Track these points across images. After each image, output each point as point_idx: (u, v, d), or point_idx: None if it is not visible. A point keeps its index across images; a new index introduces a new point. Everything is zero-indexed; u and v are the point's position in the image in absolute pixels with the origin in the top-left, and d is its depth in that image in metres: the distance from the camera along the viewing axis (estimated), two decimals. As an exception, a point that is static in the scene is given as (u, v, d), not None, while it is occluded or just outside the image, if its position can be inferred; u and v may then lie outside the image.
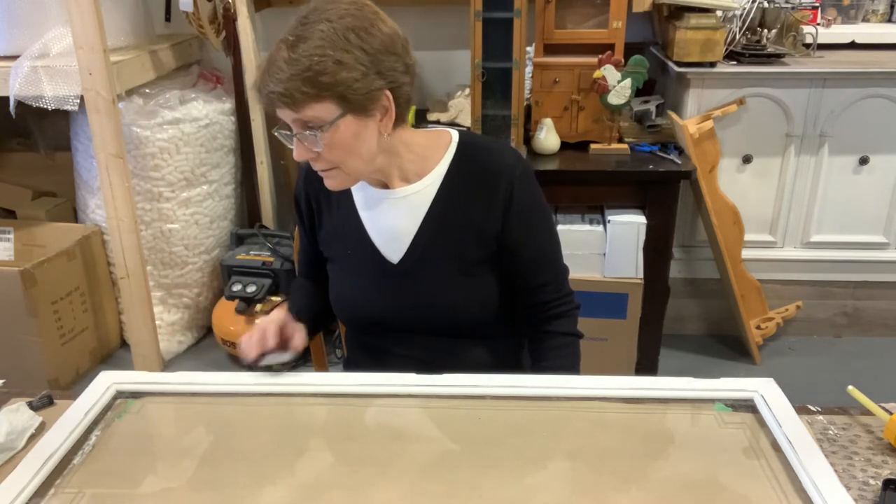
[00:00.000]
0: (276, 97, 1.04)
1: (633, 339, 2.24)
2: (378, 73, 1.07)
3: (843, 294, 2.58)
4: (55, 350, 2.37)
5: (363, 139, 1.10)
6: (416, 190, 1.19)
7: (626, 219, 2.14)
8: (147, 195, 2.45)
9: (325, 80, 1.02)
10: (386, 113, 1.11)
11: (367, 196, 1.23)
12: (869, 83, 2.28)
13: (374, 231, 1.23)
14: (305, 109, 1.04)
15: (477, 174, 1.20)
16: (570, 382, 1.08)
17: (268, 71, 1.04)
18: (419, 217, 1.20)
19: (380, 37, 1.08)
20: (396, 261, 1.22)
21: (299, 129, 1.07)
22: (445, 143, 1.22)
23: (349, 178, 1.14)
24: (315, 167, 1.13)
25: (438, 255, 1.20)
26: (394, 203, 1.20)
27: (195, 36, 2.64)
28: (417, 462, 0.94)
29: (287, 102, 1.04)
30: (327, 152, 1.08)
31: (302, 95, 1.03)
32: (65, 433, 0.98)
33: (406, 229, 1.21)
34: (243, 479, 0.92)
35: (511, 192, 1.18)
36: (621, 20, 2.11)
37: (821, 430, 0.99)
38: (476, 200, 1.19)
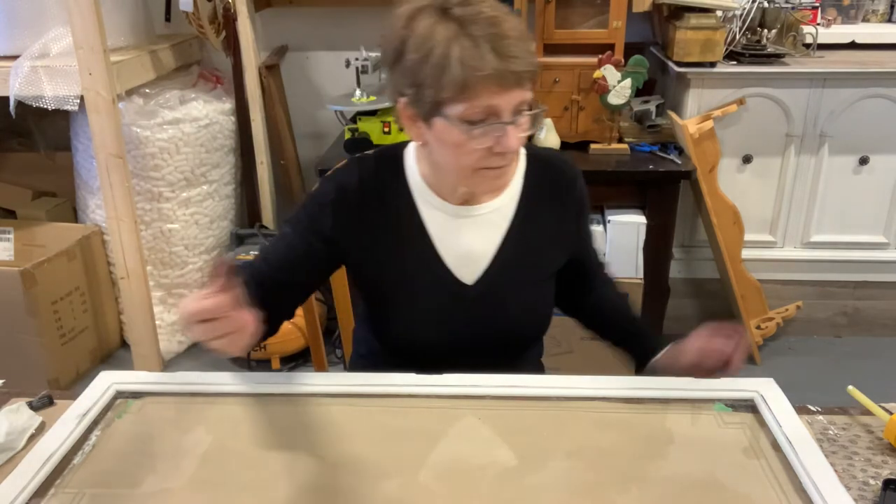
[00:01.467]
0: (529, 72, 0.97)
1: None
2: None
3: (843, 294, 2.57)
4: (55, 350, 2.37)
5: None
6: (497, 206, 1.13)
7: (626, 219, 2.14)
8: (147, 195, 2.45)
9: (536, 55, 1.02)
10: None
11: (442, 212, 1.13)
12: (869, 83, 2.28)
13: (447, 251, 1.13)
14: (530, 89, 0.99)
15: (550, 186, 1.17)
16: (570, 382, 1.08)
17: (509, 43, 0.95)
18: (499, 235, 1.14)
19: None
20: (472, 282, 1.14)
21: (517, 114, 0.98)
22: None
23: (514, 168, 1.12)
24: (506, 161, 1.03)
25: (516, 274, 1.15)
26: (475, 220, 1.13)
27: (195, 36, 2.64)
28: (417, 462, 0.94)
29: (533, 77, 0.98)
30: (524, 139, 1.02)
31: (536, 70, 0.98)
32: (65, 433, 0.98)
33: (484, 248, 1.14)
34: (243, 479, 0.92)
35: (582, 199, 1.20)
36: (621, 20, 2.11)
37: (821, 430, 0.99)
38: (552, 212, 1.17)
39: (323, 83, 2.83)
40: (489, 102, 0.95)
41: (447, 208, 1.12)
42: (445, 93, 0.95)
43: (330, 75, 2.79)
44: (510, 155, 1.01)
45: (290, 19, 2.74)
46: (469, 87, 0.94)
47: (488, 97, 0.95)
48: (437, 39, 0.95)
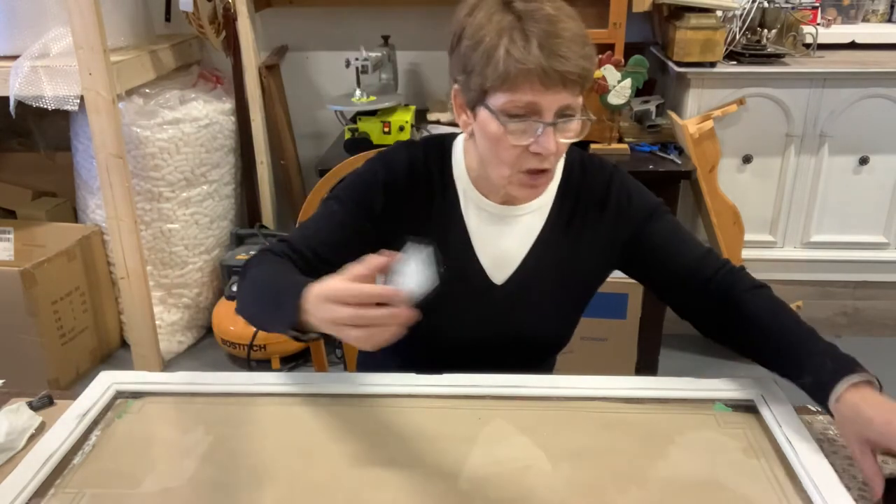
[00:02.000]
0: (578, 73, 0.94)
1: (633, 339, 2.24)
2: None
3: (843, 294, 2.58)
4: (55, 350, 2.37)
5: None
6: (535, 207, 1.13)
7: (626, 219, 2.14)
8: (147, 195, 2.45)
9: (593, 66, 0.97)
10: None
11: (485, 211, 1.12)
12: (869, 83, 2.28)
13: (483, 250, 1.13)
14: (579, 94, 0.97)
15: (584, 189, 1.14)
16: (570, 382, 1.08)
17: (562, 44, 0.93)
18: (532, 236, 1.13)
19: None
20: (500, 282, 1.14)
21: (559, 116, 0.97)
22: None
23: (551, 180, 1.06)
24: (545, 165, 1.00)
25: (543, 278, 1.13)
26: (512, 220, 1.12)
27: (195, 36, 2.64)
28: (417, 462, 0.94)
29: (579, 81, 0.95)
30: (563, 147, 1.00)
31: (589, 77, 0.96)
32: (65, 433, 0.98)
33: (517, 249, 1.13)
34: (243, 479, 0.92)
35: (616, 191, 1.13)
36: (621, 20, 2.11)
37: (821, 430, 0.99)
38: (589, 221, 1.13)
39: (323, 83, 2.83)
40: (531, 99, 0.95)
41: (489, 206, 1.12)
42: (489, 82, 0.95)
43: (330, 75, 2.79)
44: (549, 159, 0.99)
45: (290, 19, 2.74)
46: (511, 79, 0.94)
47: (531, 93, 0.94)
48: (491, 29, 0.95)
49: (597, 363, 2.26)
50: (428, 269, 0.81)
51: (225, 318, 2.50)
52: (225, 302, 2.54)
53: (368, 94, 2.29)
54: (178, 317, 2.63)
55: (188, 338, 2.67)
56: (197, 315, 2.69)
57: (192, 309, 2.66)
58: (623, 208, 1.13)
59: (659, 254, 1.13)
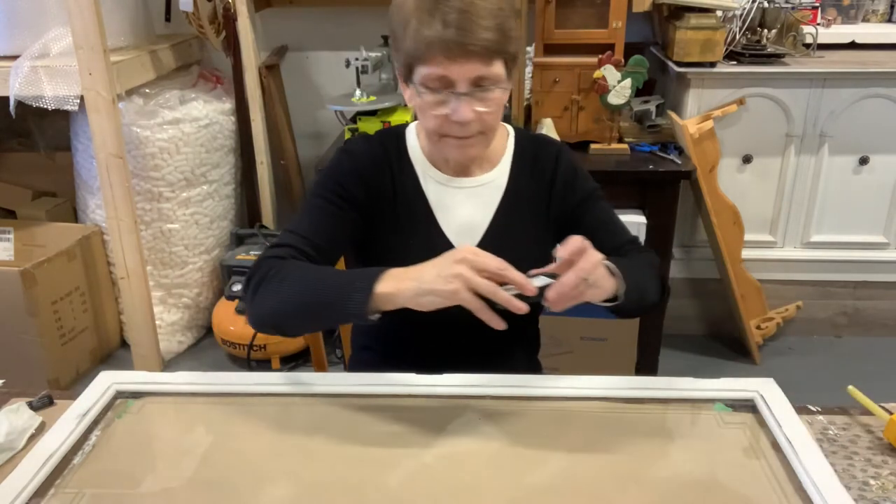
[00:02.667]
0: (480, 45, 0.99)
1: (633, 339, 2.24)
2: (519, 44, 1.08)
3: (843, 294, 2.58)
4: (55, 350, 2.37)
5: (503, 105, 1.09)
6: (491, 178, 1.19)
7: (626, 219, 2.11)
8: (147, 195, 2.45)
9: (511, 36, 1.02)
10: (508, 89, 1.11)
11: (440, 184, 1.19)
12: (869, 83, 2.28)
13: (447, 220, 1.19)
14: (494, 63, 1.02)
15: (538, 162, 1.21)
16: (570, 382, 1.08)
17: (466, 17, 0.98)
18: (493, 206, 1.19)
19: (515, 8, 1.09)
20: None
21: (472, 86, 1.03)
22: (506, 134, 1.24)
23: (488, 145, 1.13)
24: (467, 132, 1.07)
25: (508, 245, 1.15)
26: (471, 191, 1.19)
27: (195, 36, 2.64)
28: (417, 462, 0.94)
29: (485, 52, 1.00)
30: (488, 115, 1.06)
31: (498, 48, 1.01)
32: (65, 433, 0.98)
33: (480, 219, 1.19)
34: (243, 479, 0.92)
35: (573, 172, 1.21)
36: (621, 20, 2.11)
37: (821, 430, 0.99)
38: (541, 186, 1.20)
39: (323, 83, 2.83)
40: (442, 72, 1.01)
41: (444, 179, 1.19)
42: (407, 57, 1.03)
43: (330, 75, 2.79)
44: (470, 126, 1.05)
45: (290, 19, 2.74)
46: (421, 54, 1.01)
47: (441, 66, 1.01)
48: (409, 6, 1.01)
49: (597, 363, 2.26)
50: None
51: (225, 318, 2.50)
52: (225, 302, 2.54)
53: (368, 94, 2.29)
54: (178, 317, 2.63)
55: (188, 338, 2.67)
56: (197, 315, 2.69)
57: (192, 309, 2.66)
58: (568, 185, 1.21)
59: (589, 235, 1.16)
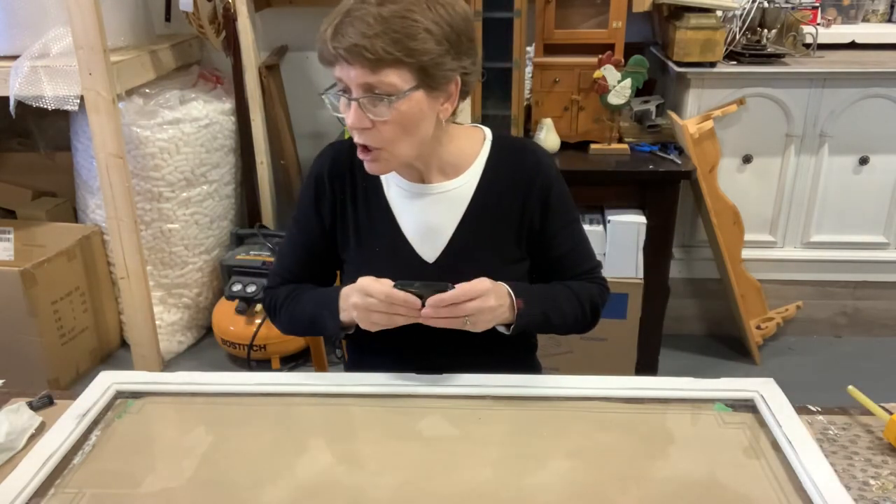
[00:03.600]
0: (357, 51, 0.97)
1: (633, 339, 2.24)
2: (457, 54, 1.03)
3: (843, 294, 2.58)
4: (55, 350, 2.37)
5: (423, 120, 1.05)
6: (455, 185, 1.16)
7: (626, 219, 2.14)
8: (147, 195, 2.45)
9: (413, 46, 0.98)
10: (449, 99, 1.07)
11: (402, 190, 1.17)
12: (869, 83, 2.28)
13: (409, 228, 1.17)
14: (383, 72, 0.99)
15: (514, 173, 1.18)
16: (570, 382, 1.08)
17: (350, 23, 0.98)
18: (458, 214, 1.16)
19: (462, 15, 1.04)
20: (432, 260, 1.17)
21: (363, 92, 1.01)
22: (480, 139, 1.20)
23: (394, 161, 1.08)
24: (362, 140, 1.05)
25: (475, 253, 1.16)
26: (433, 198, 1.16)
27: (195, 36, 2.64)
28: (417, 462, 0.94)
29: (369, 60, 0.97)
30: (386, 126, 1.02)
31: (387, 56, 0.97)
32: (65, 433, 0.98)
33: (444, 226, 1.17)
34: (243, 479, 0.92)
35: (549, 189, 1.18)
36: (621, 20, 2.11)
37: (821, 430, 0.99)
38: (514, 199, 1.17)
39: (323, 83, 2.83)
40: (338, 74, 1.04)
41: (406, 185, 1.17)
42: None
43: (330, 75, 2.77)
44: (366, 135, 1.04)
45: (290, 19, 2.74)
46: (321, 57, 1.06)
47: (336, 70, 1.03)
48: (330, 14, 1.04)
49: (597, 363, 2.26)
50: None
51: (225, 318, 2.50)
52: (225, 302, 2.54)
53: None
54: (178, 317, 2.63)
55: (188, 338, 2.67)
56: (197, 315, 2.69)
57: (192, 309, 2.66)
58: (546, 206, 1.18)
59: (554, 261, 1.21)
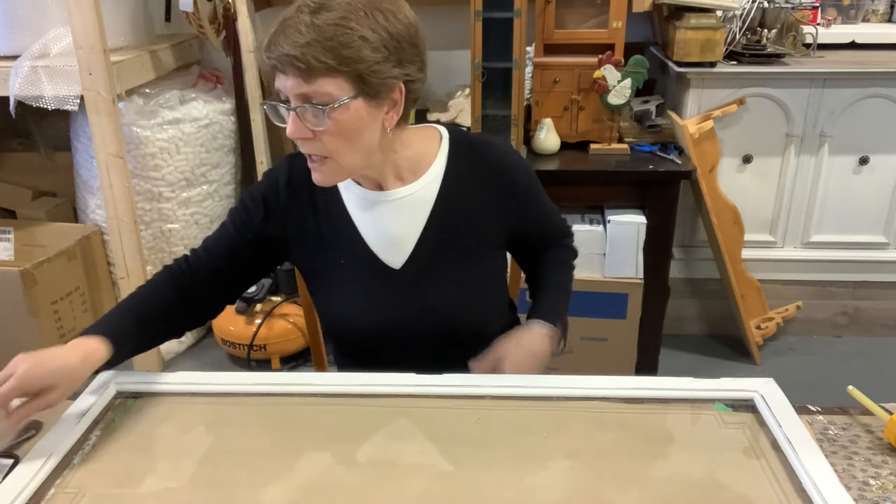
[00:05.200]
0: (288, 61, 0.96)
1: (633, 339, 2.24)
2: (398, 61, 1.01)
3: (843, 294, 2.58)
4: (55, 350, 2.37)
5: (366, 129, 1.03)
6: (415, 190, 1.14)
7: (626, 219, 2.14)
8: (147, 195, 2.45)
9: (347, 54, 0.96)
10: (394, 107, 1.05)
11: (361, 198, 1.15)
12: (869, 83, 2.28)
13: (372, 236, 1.16)
14: (317, 82, 0.97)
15: (478, 171, 1.16)
16: (570, 382, 1.08)
17: (283, 32, 0.96)
18: (421, 219, 1.15)
19: (405, 23, 1.02)
20: (399, 266, 1.16)
21: (300, 102, 0.99)
22: (437, 140, 1.18)
23: (341, 171, 1.06)
24: (306, 150, 1.04)
25: (444, 257, 1.16)
26: (392, 205, 1.14)
27: (195, 36, 2.64)
28: (417, 462, 0.94)
29: (301, 69, 0.96)
30: (327, 136, 1.01)
31: (319, 65, 0.95)
32: (65, 433, 0.98)
33: (408, 232, 1.15)
34: (243, 479, 0.92)
35: (517, 184, 1.19)
36: (621, 20, 2.11)
37: (821, 430, 0.99)
38: (483, 198, 1.16)
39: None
40: (277, 85, 1.01)
41: (365, 193, 1.15)
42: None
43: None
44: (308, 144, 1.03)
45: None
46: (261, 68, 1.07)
47: (276, 79, 1.01)
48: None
49: (597, 363, 2.26)
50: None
51: (225, 318, 2.50)
52: (225, 302, 2.54)
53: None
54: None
55: (188, 338, 2.67)
56: (197, 315, 2.69)
57: (192, 309, 2.66)
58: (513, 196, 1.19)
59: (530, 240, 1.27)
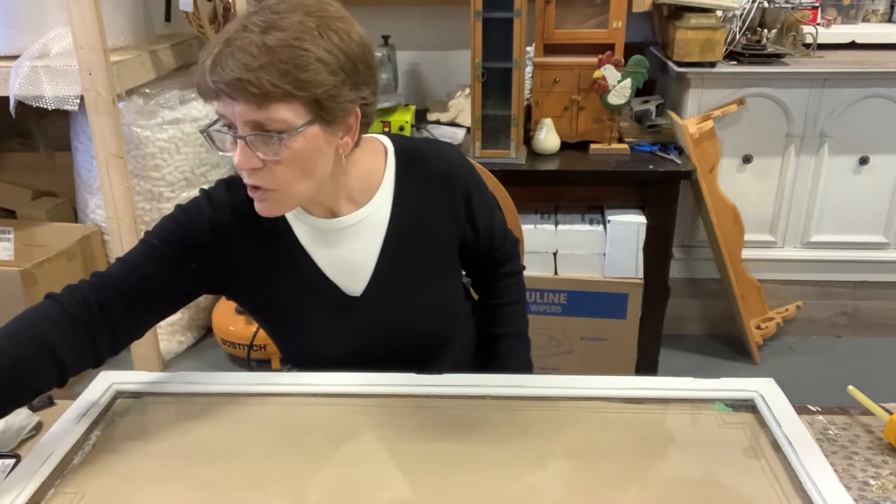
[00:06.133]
0: (240, 85, 0.86)
1: (633, 339, 2.24)
2: (354, 84, 0.94)
3: (843, 294, 2.57)
4: (55, 350, 2.37)
5: (321, 156, 0.96)
6: (367, 214, 1.08)
7: (626, 219, 2.14)
8: (147, 195, 2.45)
9: (305, 78, 0.88)
10: (349, 132, 0.98)
11: (313, 228, 1.08)
12: (869, 83, 2.28)
13: (329, 266, 1.10)
14: (271, 107, 0.88)
15: (427, 183, 1.11)
16: (570, 382, 1.08)
17: (231, 54, 0.86)
18: (377, 242, 1.10)
19: (358, 41, 0.95)
20: (359, 293, 1.11)
21: (251, 130, 0.90)
22: (381, 153, 1.11)
23: (289, 201, 0.98)
24: (253, 181, 0.94)
25: (404, 278, 1.12)
26: (345, 232, 1.08)
27: (195, 36, 2.64)
28: (417, 462, 0.94)
29: (253, 94, 0.86)
30: (280, 166, 0.92)
31: (274, 89, 0.86)
32: (65, 433, 0.98)
33: (364, 258, 1.10)
34: (243, 479, 0.92)
35: (469, 192, 1.14)
36: (621, 20, 2.11)
37: (821, 430, 0.99)
38: (432, 207, 1.12)
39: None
40: (219, 111, 0.91)
41: (316, 222, 1.08)
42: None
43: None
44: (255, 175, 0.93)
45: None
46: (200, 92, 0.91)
47: (219, 106, 0.91)
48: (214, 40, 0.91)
49: (597, 363, 2.26)
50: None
51: (225, 318, 2.49)
52: (225, 302, 2.54)
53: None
54: (178, 317, 2.62)
55: (188, 338, 2.67)
56: (197, 315, 2.69)
57: (192, 309, 2.66)
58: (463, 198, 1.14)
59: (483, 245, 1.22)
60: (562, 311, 2.21)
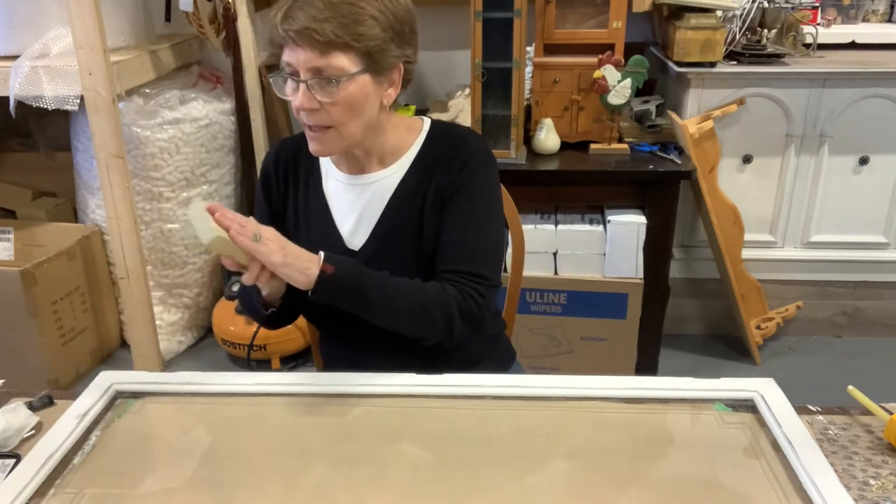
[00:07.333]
0: (307, 34, 1.02)
1: (633, 339, 2.24)
2: (400, 42, 1.09)
3: (843, 294, 2.58)
4: (55, 350, 2.37)
5: (369, 103, 1.10)
6: (386, 175, 1.20)
7: (626, 219, 2.14)
8: (147, 195, 2.45)
9: (360, 31, 1.04)
10: (393, 85, 1.13)
11: (339, 182, 1.22)
12: (869, 83, 2.28)
13: (342, 218, 1.22)
14: (331, 56, 1.04)
15: (439, 155, 1.20)
16: (570, 382, 1.08)
17: (300, 7, 1.03)
18: (380, 205, 1.20)
19: (405, 7, 1.10)
20: (358, 247, 1.21)
21: (312, 75, 1.06)
22: (418, 130, 1.23)
23: (341, 141, 1.12)
24: (311, 121, 1.10)
25: (398, 240, 1.19)
26: (364, 188, 1.20)
27: (195, 36, 2.64)
28: (417, 462, 0.94)
29: (317, 42, 1.03)
30: (334, 107, 1.07)
31: (335, 38, 1.03)
32: (65, 433, 0.98)
33: (371, 215, 1.21)
34: (243, 479, 0.92)
35: (464, 168, 1.17)
36: (621, 20, 2.11)
37: (821, 430, 0.99)
38: (437, 184, 1.18)
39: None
40: (286, 58, 1.08)
41: (342, 177, 1.22)
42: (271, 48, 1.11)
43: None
44: (315, 115, 1.08)
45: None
46: (271, 42, 1.10)
47: (285, 53, 1.08)
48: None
49: (597, 363, 2.26)
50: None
51: (225, 318, 2.50)
52: (225, 302, 2.54)
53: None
54: (178, 317, 2.63)
55: (188, 338, 2.67)
56: (197, 315, 2.69)
57: (192, 309, 2.66)
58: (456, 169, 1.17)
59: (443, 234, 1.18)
60: (562, 311, 2.21)
